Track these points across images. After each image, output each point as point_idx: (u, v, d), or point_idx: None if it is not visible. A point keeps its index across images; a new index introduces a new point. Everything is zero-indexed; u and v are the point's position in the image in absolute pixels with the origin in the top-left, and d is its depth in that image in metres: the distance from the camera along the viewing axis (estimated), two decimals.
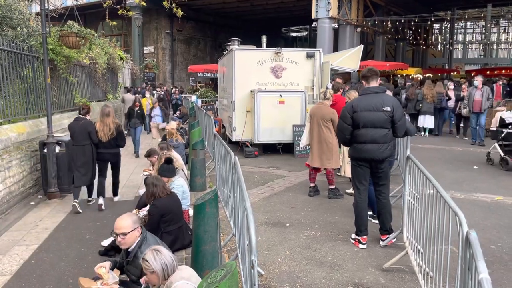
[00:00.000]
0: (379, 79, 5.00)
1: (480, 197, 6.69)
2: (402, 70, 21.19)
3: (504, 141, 8.76)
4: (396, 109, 4.59)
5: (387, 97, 4.73)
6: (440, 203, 3.26)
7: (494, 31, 44.26)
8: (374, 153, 4.61)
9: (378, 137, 4.59)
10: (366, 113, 4.60)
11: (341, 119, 4.82)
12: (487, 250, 4.64)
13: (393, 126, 4.63)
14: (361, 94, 4.83)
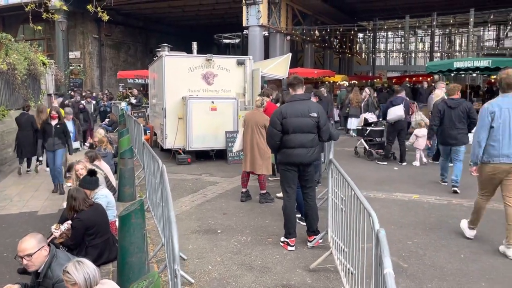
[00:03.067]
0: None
1: (399, 196, 7.15)
2: (329, 77, 22.11)
3: (368, 137, 10.53)
4: (321, 115, 4.86)
5: (313, 103, 5.02)
6: (357, 204, 3.47)
7: (412, 41, 47.58)
8: (303, 157, 4.81)
9: (306, 141, 4.80)
10: (295, 119, 4.79)
11: (271, 126, 4.96)
12: (404, 246, 4.98)
13: (319, 131, 4.88)
14: (289, 101, 5.02)
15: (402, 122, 9.70)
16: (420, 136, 9.52)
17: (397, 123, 9.64)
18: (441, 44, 47.95)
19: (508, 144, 4.66)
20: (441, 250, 4.85)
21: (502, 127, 4.67)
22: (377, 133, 10.58)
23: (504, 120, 4.67)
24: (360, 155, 10.82)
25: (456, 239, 5.17)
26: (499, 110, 4.70)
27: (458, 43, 48.39)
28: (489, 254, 4.72)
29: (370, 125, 10.53)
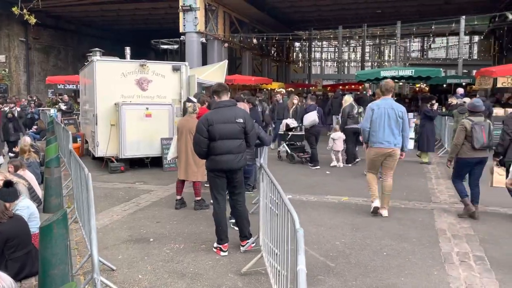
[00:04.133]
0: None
1: (330, 198, 7.44)
2: (266, 85, 22.51)
3: (290, 141, 11.11)
4: (247, 121, 4.93)
5: (239, 109, 5.06)
6: (284, 207, 3.57)
7: (345, 50, 49.71)
8: (231, 164, 4.86)
9: (233, 148, 4.85)
10: (221, 125, 4.82)
11: (197, 133, 4.94)
12: (333, 246, 5.19)
13: (246, 137, 4.95)
14: (214, 108, 5.06)
15: (317, 128, 10.49)
16: (336, 139, 10.38)
17: (313, 128, 10.38)
18: (371, 54, 50.54)
19: (382, 134, 6.20)
20: (366, 248, 5.11)
21: (378, 121, 6.21)
22: (298, 137, 11.18)
23: (380, 115, 6.21)
24: (282, 158, 11.37)
25: (380, 238, 5.47)
26: (377, 108, 6.28)
27: (387, 53, 51.27)
28: (408, 251, 5.04)
29: (291, 130, 11.13)
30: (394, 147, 6.23)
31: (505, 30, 24.88)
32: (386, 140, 6.19)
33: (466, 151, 6.15)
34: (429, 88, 24.85)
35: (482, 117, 6.30)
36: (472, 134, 6.03)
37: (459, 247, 5.15)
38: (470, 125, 6.11)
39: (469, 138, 6.09)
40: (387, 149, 6.23)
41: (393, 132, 6.19)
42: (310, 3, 24.76)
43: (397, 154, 6.32)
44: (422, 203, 7.10)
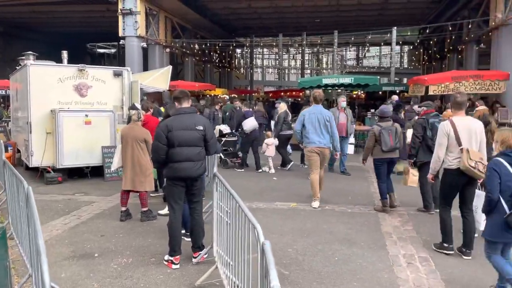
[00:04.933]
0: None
1: (279, 205, 7.48)
2: (210, 91, 22.37)
3: (223, 147, 11.31)
4: (207, 128, 4.88)
5: (199, 117, 5.02)
6: (242, 217, 3.52)
7: (286, 58, 50.76)
8: (190, 171, 4.76)
9: (193, 155, 4.76)
10: (181, 132, 4.72)
11: (156, 139, 4.80)
12: (285, 254, 5.19)
13: (206, 144, 4.89)
14: (174, 114, 4.94)
15: (255, 133, 10.81)
16: (270, 145, 10.65)
17: (252, 133, 10.66)
18: (310, 62, 51.99)
19: (314, 135, 7.37)
20: (318, 254, 5.17)
21: (310, 125, 7.40)
22: (231, 143, 11.46)
23: (311, 120, 7.41)
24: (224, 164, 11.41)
25: (331, 243, 5.56)
26: (308, 114, 7.49)
27: (325, 61, 53.00)
28: (358, 255, 5.16)
29: (225, 136, 11.41)
30: (324, 146, 7.45)
31: (433, 41, 26.60)
32: (317, 139, 7.40)
33: (378, 153, 6.98)
34: (365, 95, 25.97)
35: (390, 122, 7.15)
36: (381, 138, 6.85)
37: (405, 249, 5.36)
38: (378, 131, 6.94)
39: (379, 141, 6.90)
40: (318, 148, 7.41)
41: (322, 133, 7.42)
42: (251, 11, 25.01)
43: (327, 152, 7.60)
44: (367, 207, 7.33)
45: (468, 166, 4.85)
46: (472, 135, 5.09)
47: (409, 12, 25.87)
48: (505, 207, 3.86)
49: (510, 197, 3.86)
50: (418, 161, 6.92)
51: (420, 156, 6.85)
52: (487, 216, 4.11)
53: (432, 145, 6.25)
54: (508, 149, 3.96)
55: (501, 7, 14.76)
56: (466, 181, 5.05)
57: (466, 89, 13.81)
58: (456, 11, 21.12)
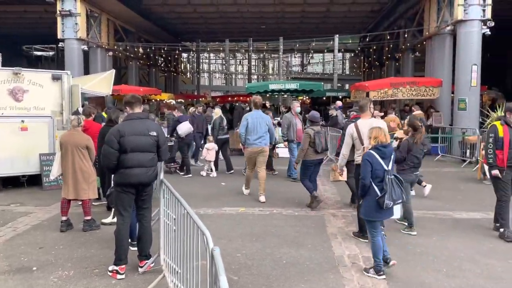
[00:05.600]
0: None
1: (228, 210, 7.46)
2: (155, 95, 21.92)
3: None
4: (160, 134, 4.80)
5: (151, 122, 4.94)
6: (190, 223, 3.48)
7: (232, 63, 50.93)
8: (142, 177, 4.65)
9: (145, 161, 4.66)
10: (133, 137, 4.61)
11: (106, 145, 4.63)
12: (234, 259, 5.19)
13: (158, 150, 4.80)
14: (126, 120, 4.81)
15: (190, 137, 10.98)
16: (210, 149, 10.79)
17: (187, 137, 10.77)
18: (257, 67, 52.54)
19: (255, 137, 8.11)
20: (267, 258, 5.22)
21: (252, 128, 8.12)
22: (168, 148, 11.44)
23: (253, 123, 8.14)
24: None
25: (279, 246, 5.63)
26: (250, 118, 8.23)
27: (271, 67, 53.79)
28: (305, 258, 5.26)
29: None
30: (264, 146, 8.26)
31: (373, 49, 27.81)
32: (258, 141, 8.15)
33: (310, 154, 7.44)
34: (310, 101, 26.62)
35: (319, 126, 7.79)
36: (315, 141, 7.36)
37: (350, 249, 5.53)
38: (313, 133, 7.41)
39: (312, 144, 7.39)
40: (259, 148, 8.18)
41: (263, 135, 8.20)
42: (197, 15, 24.88)
43: (267, 151, 8.43)
44: (313, 210, 7.49)
45: None
46: None
47: (350, 21, 26.88)
48: (377, 191, 4.66)
49: (379, 183, 4.66)
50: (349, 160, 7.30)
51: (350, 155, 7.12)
52: (363, 199, 4.86)
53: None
54: (379, 144, 4.78)
55: (434, 17, 15.74)
56: None
57: (404, 95, 14.59)
58: (393, 20, 22.24)
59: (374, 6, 22.94)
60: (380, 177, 4.68)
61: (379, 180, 4.68)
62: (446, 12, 14.81)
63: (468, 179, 10.44)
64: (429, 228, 6.47)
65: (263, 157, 8.29)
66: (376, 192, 4.67)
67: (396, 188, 4.68)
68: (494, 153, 6.01)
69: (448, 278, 4.68)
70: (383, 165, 4.72)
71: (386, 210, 4.67)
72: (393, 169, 4.91)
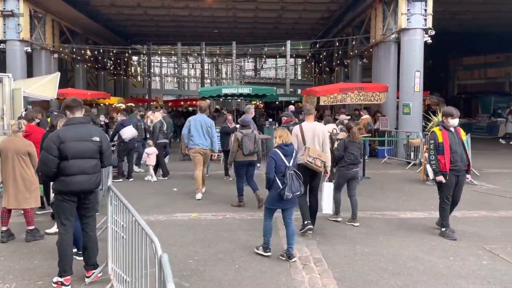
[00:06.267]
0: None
1: (180, 216, 7.36)
2: (104, 99, 21.30)
3: None
4: (103, 140, 4.61)
5: (93, 127, 4.73)
6: (139, 230, 3.41)
7: (185, 67, 50.45)
8: (84, 185, 4.45)
9: (88, 168, 4.47)
10: (75, 143, 4.41)
11: (45, 151, 4.40)
12: (186, 265, 5.13)
13: (101, 156, 4.62)
14: (67, 125, 4.60)
15: (133, 142, 10.83)
16: (150, 154, 10.68)
17: (129, 142, 10.62)
18: (210, 71, 52.38)
19: (198, 138, 8.68)
20: (219, 263, 5.20)
21: (194, 129, 8.68)
22: None
23: (196, 126, 8.72)
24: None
25: (231, 251, 5.62)
26: (193, 121, 8.77)
27: (224, 71, 53.79)
28: (257, 261, 5.30)
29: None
30: (205, 148, 8.81)
31: (323, 55, 28.53)
32: (200, 142, 8.71)
33: (239, 156, 7.97)
34: (263, 105, 26.89)
35: (251, 129, 8.21)
36: (242, 143, 7.85)
37: (301, 251, 5.62)
38: (241, 137, 7.92)
39: (241, 146, 7.89)
40: (201, 149, 8.74)
41: (204, 137, 8.75)
42: (147, 18, 24.45)
43: (209, 153, 9.00)
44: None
45: (306, 160, 6.11)
46: (315, 137, 6.35)
47: (301, 27, 27.44)
48: (279, 184, 5.29)
49: (282, 177, 5.29)
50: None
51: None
52: (269, 191, 5.45)
53: None
54: (283, 143, 5.45)
55: (380, 25, 16.40)
56: (311, 173, 6.28)
57: (352, 100, 15.05)
58: (342, 28, 22.95)
59: (324, 14, 23.56)
60: (282, 172, 5.31)
61: (282, 174, 5.31)
62: (391, 21, 15.48)
63: (412, 180, 10.93)
64: (377, 228, 6.72)
65: (206, 158, 8.96)
66: (279, 185, 5.29)
67: (295, 181, 5.32)
68: (436, 159, 6.28)
69: (394, 276, 4.87)
70: (285, 161, 5.37)
71: (286, 200, 5.30)
72: (294, 165, 5.51)
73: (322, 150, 6.34)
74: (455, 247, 5.82)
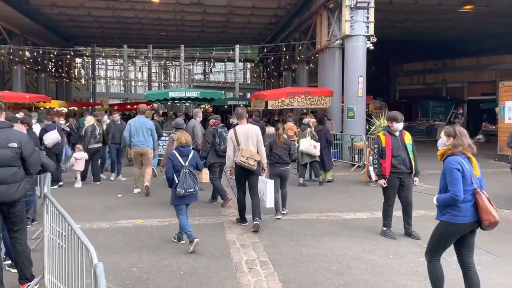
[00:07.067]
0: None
1: (124, 223, 7.13)
2: (44, 103, 20.30)
3: None
4: (24, 145, 4.26)
5: (13, 132, 4.35)
6: (75, 239, 3.26)
7: (132, 69, 49.24)
8: (4, 196, 4.12)
9: (7, 177, 4.13)
10: None
11: None
12: (129, 273, 4.98)
13: (24, 163, 4.27)
14: None
15: (59, 146, 10.35)
16: (79, 159, 10.30)
17: (55, 147, 10.11)
18: (158, 75, 51.46)
19: (138, 139, 9.24)
20: (164, 270, 5.09)
21: (134, 131, 9.24)
22: None
23: (135, 127, 9.25)
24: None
25: (177, 257, 5.52)
26: (133, 123, 9.38)
27: (172, 75, 53.04)
28: (203, 267, 5.24)
29: None
30: (146, 148, 9.37)
31: (271, 59, 28.90)
32: (140, 143, 9.26)
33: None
34: (212, 109, 26.77)
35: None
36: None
37: (247, 255, 5.63)
38: (173, 139, 7.76)
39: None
40: (141, 149, 9.32)
41: (145, 138, 9.27)
42: (91, 19, 23.63)
43: (150, 153, 9.50)
44: (213, 218, 7.52)
45: (239, 160, 6.61)
46: (249, 138, 6.81)
47: (249, 32, 27.65)
48: (176, 182, 5.82)
49: (178, 176, 5.80)
50: (208, 162, 8.22)
51: (209, 159, 8.25)
52: (171, 189, 5.94)
53: (219, 150, 8.16)
54: (179, 145, 6.00)
55: (325, 32, 16.86)
56: (246, 172, 6.78)
57: (299, 104, 15.34)
58: (289, 33, 23.36)
59: (272, 19, 23.89)
60: (179, 171, 5.84)
61: (178, 174, 5.83)
62: (335, 27, 15.96)
63: (356, 182, 11.29)
64: (322, 229, 6.86)
65: (146, 158, 9.46)
66: (176, 183, 5.81)
67: (189, 179, 5.82)
68: (379, 163, 6.47)
69: (337, 275, 4.99)
70: (181, 161, 5.90)
71: (187, 197, 5.86)
72: (191, 165, 5.99)
73: (256, 150, 6.85)
74: (395, 246, 6.06)
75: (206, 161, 8.16)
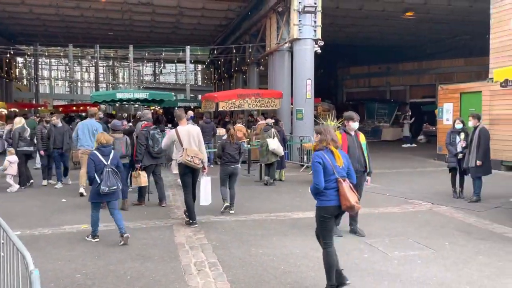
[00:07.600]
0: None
1: (68, 228, 6.88)
2: None
3: None
4: None
5: None
6: (11, 246, 3.13)
7: (78, 70, 47.44)
8: None
9: None
10: None
11: None
12: (73, 280, 4.82)
13: None
14: None
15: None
16: (13, 162, 10.00)
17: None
18: (106, 75, 49.90)
19: (85, 140, 9.39)
20: (109, 275, 4.96)
21: (82, 133, 9.44)
22: None
23: (83, 129, 9.47)
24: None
25: (123, 262, 5.40)
26: (82, 125, 9.60)
27: (121, 76, 51.63)
28: (150, 270, 5.16)
29: None
30: (92, 149, 8.66)
31: (222, 61, 28.90)
32: (87, 144, 9.36)
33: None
34: (162, 111, 26.36)
35: (121, 134, 8.52)
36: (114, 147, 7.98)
37: (196, 257, 5.61)
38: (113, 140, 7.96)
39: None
40: (89, 150, 8.83)
41: (91, 139, 9.30)
42: (33, 17, 22.58)
43: None
44: (162, 220, 7.42)
45: (185, 159, 6.77)
46: (191, 138, 6.96)
47: (200, 33, 27.52)
48: (98, 180, 6.00)
49: (100, 174, 6.00)
50: (143, 165, 8.31)
51: (144, 161, 8.30)
52: (91, 187, 6.20)
53: (152, 152, 8.30)
54: (100, 145, 6.19)
55: (274, 35, 17.11)
56: (189, 170, 6.95)
57: (249, 106, 15.46)
58: (240, 36, 23.50)
59: (222, 21, 23.91)
60: (101, 169, 6.03)
61: (100, 172, 6.03)
62: (284, 31, 16.23)
63: (305, 182, 11.51)
64: (271, 229, 6.96)
65: None
66: (98, 181, 5.99)
67: (111, 177, 6.03)
68: None
69: (285, 274, 5.08)
70: (103, 160, 6.10)
71: (107, 194, 6.05)
72: (113, 164, 6.17)
73: (198, 149, 7.04)
74: (341, 243, 6.24)
75: (142, 163, 8.25)
